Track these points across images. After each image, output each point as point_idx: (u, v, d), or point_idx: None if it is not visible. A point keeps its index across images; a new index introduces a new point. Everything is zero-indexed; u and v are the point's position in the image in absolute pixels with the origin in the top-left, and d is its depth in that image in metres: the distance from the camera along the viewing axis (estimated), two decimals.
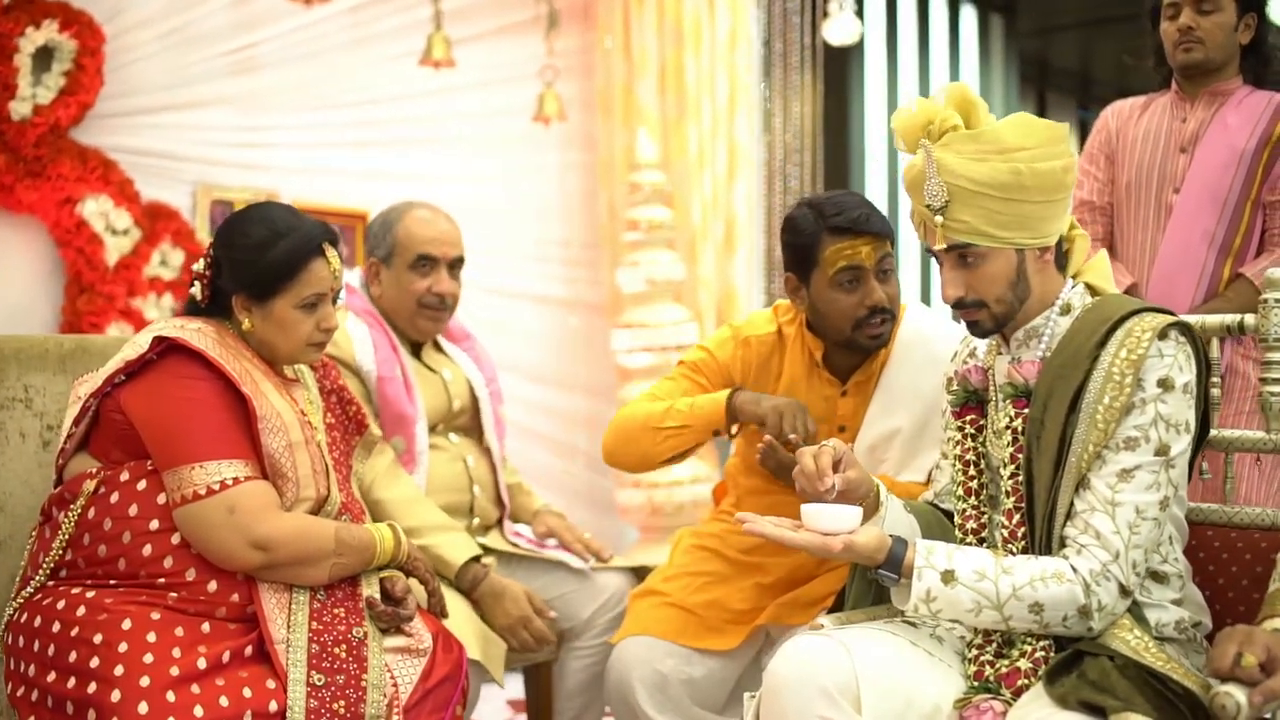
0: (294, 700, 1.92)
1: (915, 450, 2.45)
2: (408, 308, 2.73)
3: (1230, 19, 2.99)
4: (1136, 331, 1.84)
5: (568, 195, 5.14)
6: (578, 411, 5.10)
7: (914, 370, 2.48)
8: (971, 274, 1.90)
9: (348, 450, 2.28)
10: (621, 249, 4.72)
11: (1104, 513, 1.82)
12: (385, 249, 2.74)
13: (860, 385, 2.51)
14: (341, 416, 2.29)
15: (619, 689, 2.47)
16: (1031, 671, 1.85)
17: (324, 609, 2.05)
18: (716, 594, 2.57)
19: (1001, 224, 1.86)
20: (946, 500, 2.17)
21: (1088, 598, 1.80)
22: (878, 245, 2.38)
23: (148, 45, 3.90)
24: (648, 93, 4.94)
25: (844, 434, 2.50)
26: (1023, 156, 1.84)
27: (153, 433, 2.01)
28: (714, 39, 4.91)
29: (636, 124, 4.91)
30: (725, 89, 4.92)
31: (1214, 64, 3.01)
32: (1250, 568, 2.11)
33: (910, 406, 2.46)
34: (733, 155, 4.94)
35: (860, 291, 2.38)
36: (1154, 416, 1.82)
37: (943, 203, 1.85)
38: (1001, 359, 2.01)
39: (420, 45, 4.30)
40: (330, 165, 4.35)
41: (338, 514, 2.14)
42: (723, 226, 4.95)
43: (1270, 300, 2.13)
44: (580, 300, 5.16)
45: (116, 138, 3.84)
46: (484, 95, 4.71)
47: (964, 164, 1.84)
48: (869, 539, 1.84)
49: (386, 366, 2.66)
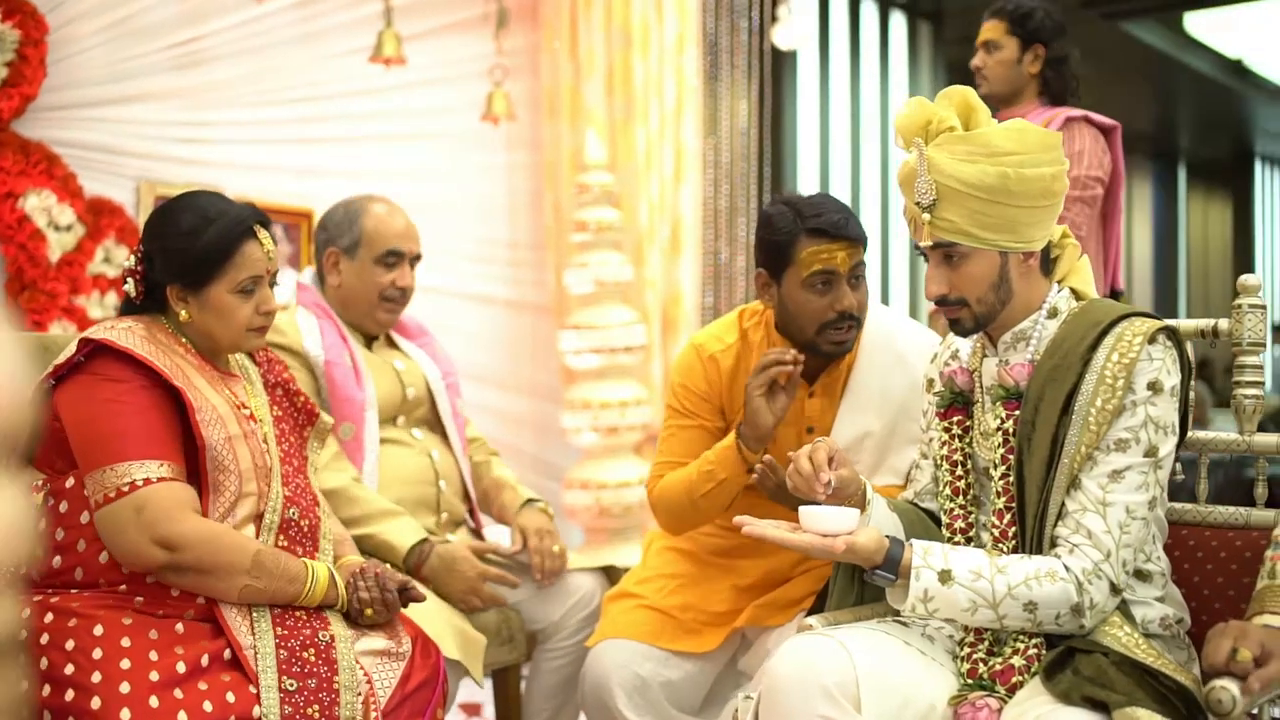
0: (268, 707, 1.89)
1: (887, 452, 2.47)
2: (369, 300, 2.75)
3: (1011, 55, 3.38)
4: (1127, 336, 1.88)
5: (513, 195, 5.12)
6: (522, 413, 5.07)
7: (882, 372, 2.50)
8: (955, 273, 1.93)
9: (300, 442, 2.25)
10: (569, 250, 4.71)
11: (1095, 512, 1.86)
12: (350, 240, 2.74)
13: (827, 386, 2.52)
14: (290, 409, 2.26)
15: (596, 693, 2.46)
16: (1025, 669, 1.88)
17: (286, 614, 2.02)
18: (692, 596, 2.57)
19: (986, 225, 1.89)
20: (927, 499, 2.20)
21: (1080, 596, 1.84)
22: (853, 251, 2.39)
23: (91, 37, 3.80)
24: (594, 94, 4.93)
25: (812, 434, 2.51)
26: (1011, 161, 1.87)
27: (76, 436, 1.97)
28: (662, 41, 4.92)
29: (583, 125, 4.89)
30: (673, 91, 4.93)
31: (1000, 96, 3.40)
32: (1225, 566, 2.16)
33: (880, 409, 2.48)
34: (679, 157, 4.95)
35: (831, 295, 2.38)
36: (1144, 419, 1.86)
37: (931, 201, 1.89)
38: (989, 361, 2.04)
39: (368, 41, 4.24)
40: (276, 162, 4.28)
41: (284, 507, 2.10)
42: (669, 228, 4.96)
43: (1245, 305, 2.19)
44: (524, 301, 5.14)
45: (59, 131, 3.74)
46: (432, 93, 4.67)
47: (954, 164, 1.88)
48: (870, 540, 1.86)
49: (334, 352, 2.67)
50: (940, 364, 2.18)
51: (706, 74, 5.17)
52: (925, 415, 2.20)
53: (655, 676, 2.46)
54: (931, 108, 1.92)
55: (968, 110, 1.92)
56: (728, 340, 2.57)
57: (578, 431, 4.59)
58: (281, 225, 4.25)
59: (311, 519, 2.15)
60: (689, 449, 2.54)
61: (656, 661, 2.48)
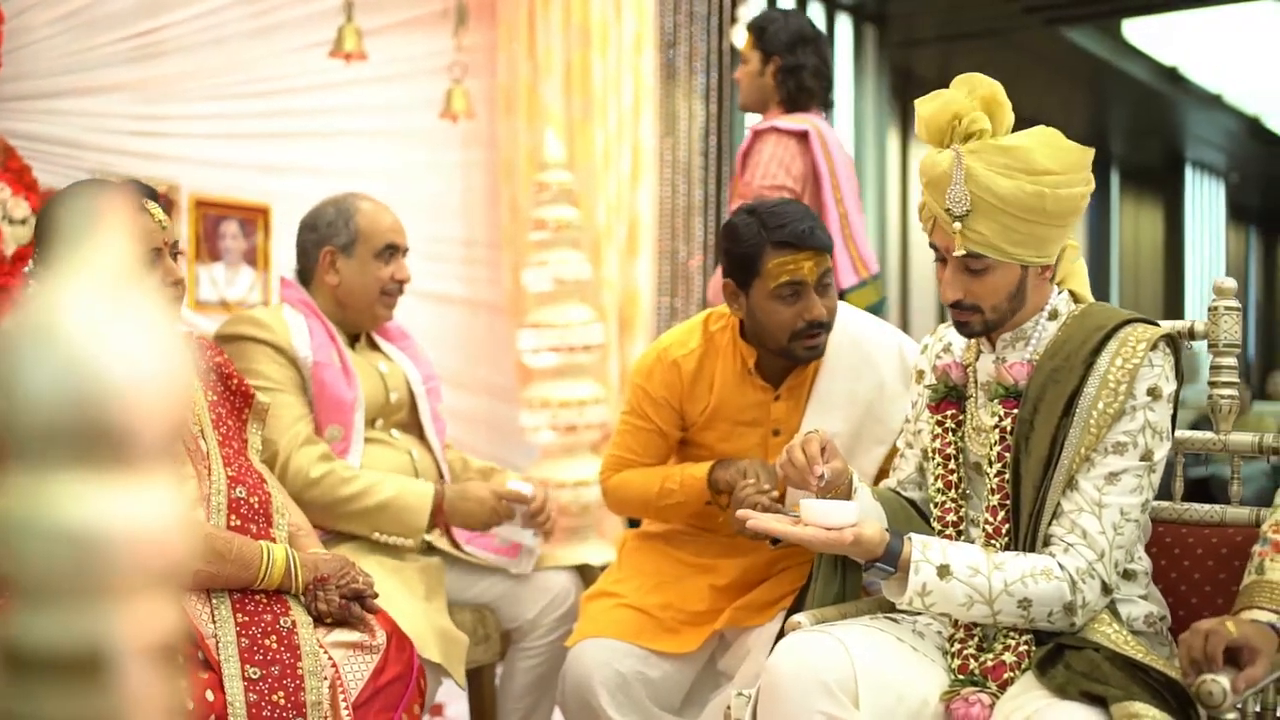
0: (233, 696, 1.88)
1: (853, 455, 2.49)
2: (370, 295, 2.75)
3: (754, 67, 3.59)
4: (1131, 341, 1.91)
5: (468, 194, 5.08)
6: (477, 412, 5.04)
7: (848, 375, 2.52)
8: (975, 281, 1.93)
9: (239, 425, 2.24)
10: (527, 248, 4.69)
11: (1091, 513, 1.89)
12: (346, 238, 2.73)
13: (793, 390, 2.54)
14: (225, 392, 2.25)
15: (579, 692, 2.46)
16: (1016, 665, 1.91)
17: (246, 599, 2.01)
18: (670, 595, 2.57)
19: (1015, 241, 1.89)
20: (910, 488, 2.22)
21: (1074, 594, 1.87)
22: (819, 260, 2.41)
23: (47, 27, 3.72)
24: (552, 93, 4.92)
25: (779, 438, 2.53)
26: (1049, 181, 1.86)
27: None
28: (620, 41, 4.91)
29: (540, 123, 4.88)
30: (631, 91, 4.93)
31: (749, 106, 3.66)
32: (1202, 562, 2.21)
33: (847, 412, 2.50)
34: (637, 157, 4.95)
35: (800, 305, 2.40)
36: (1143, 423, 1.89)
37: (964, 210, 1.87)
38: (985, 358, 2.06)
39: (327, 35, 4.20)
40: (234, 157, 4.21)
41: (229, 486, 2.09)
42: (626, 228, 4.96)
43: (1221, 307, 2.24)
44: (480, 300, 5.11)
45: (14, 123, 3.66)
46: (390, 89, 4.62)
47: (992, 177, 1.85)
48: (874, 532, 1.88)
49: (323, 353, 2.65)
50: (932, 356, 2.19)
51: (664, 74, 5.18)
52: (914, 406, 2.22)
53: (636, 675, 2.47)
54: (960, 102, 1.89)
55: (996, 109, 1.90)
56: (691, 345, 2.58)
57: (536, 430, 4.57)
58: (237, 220, 4.20)
59: (261, 495, 2.14)
60: (644, 449, 2.62)
61: (637, 659, 2.48)
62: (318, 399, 2.60)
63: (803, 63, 3.51)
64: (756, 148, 3.45)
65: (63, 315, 0.49)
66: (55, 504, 0.47)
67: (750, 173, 3.45)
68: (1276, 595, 1.85)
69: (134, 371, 0.49)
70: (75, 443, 0.48)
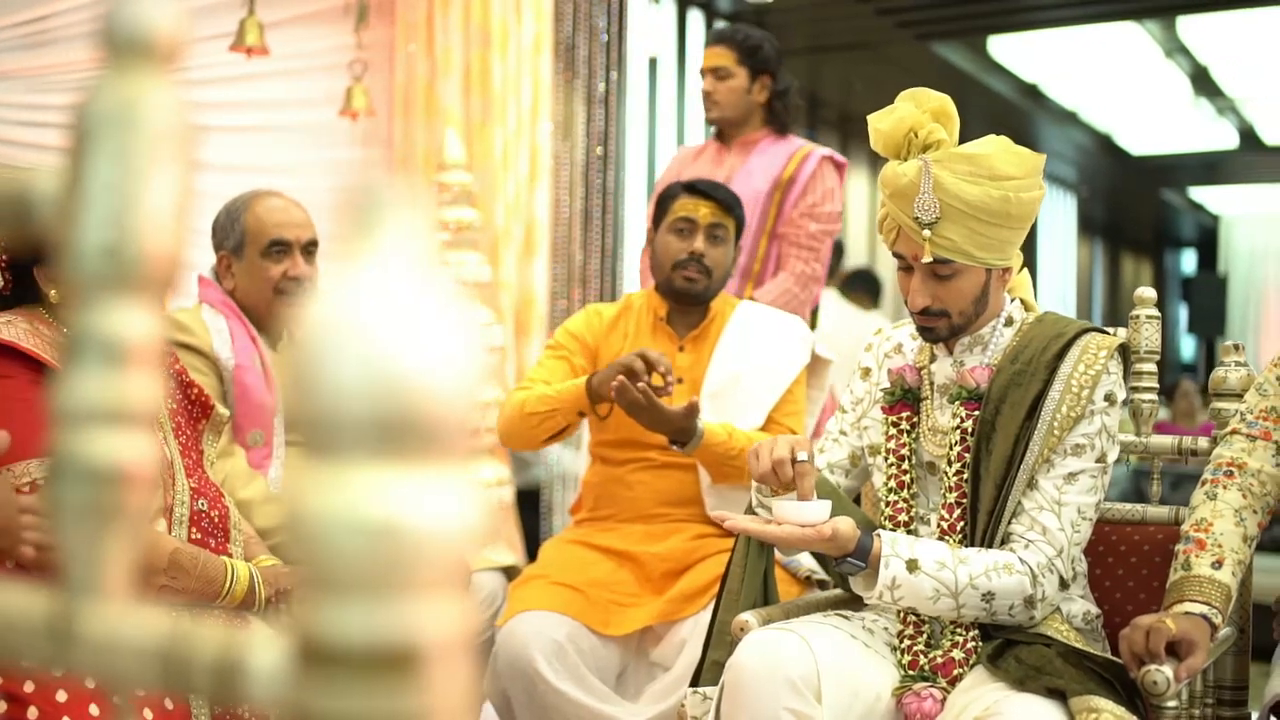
0: (198, 711, 1.85)
1: (755, 397, 2.72)
2: (265, 296, 2.65)
3: (742, 84, 3.50)
4: (1093, 349, 2.00)
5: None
6: None
7: (756, 331, 2.80)
8: (942, 287, 2.00)
9: (196, 435, 2.19)
10: None
11: (1051, 511, 1.97)
12: (235, 240, 2.65)
13: (695, 341, 2.80)
14: (184, 401, 2.19)
15: (516, 664, 2.45)
16: (964, 661, 1.98)
17: (206, 615, 1.96)
18: (599, 574, 2.64)
19: (982, 245, 1.96)
20: (838, 472, 2.24)
21: (1034, 588, 1.94)
22: (716, 212, 2.75)
23: None
24: (451, 93, 4.88)
25: (683, 385, 2.73)
26: (1011, 185, 1.94)
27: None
28: (519, 43, 4.90)
29: (439, 123, 4.84)
30: (529, 93, 4.92)
31: (730, 121, 3.54)
32: (1125, 559, 2.31)
33: (748, 354, 2.76)
34: (535, 159, 4.95)
35: (688, 240, 2.73)
36: (1100, 427, 1.99)
37: (933, 218, 1.93)
38: (942, 361, 2.12)
39: (228, 28, 4.10)
40: None
41: (192, 498, 2.04)
42: (523, 230, 4.95)
43: (1142, 316, 2.35)
44: None
45: None
46: (288, 85, 4.53)
47: (958, 184, 1.92)
48: (848, 527, 1.92)
49: (244, 355, 2.58)
50: (879, 355, 2.24)
51: (561, 77, 5.19)
52: (855, 400, 2.25)
53: (572, 645, 2.49)
54: (915, 116, 1.95)
55: (946, 121, 1.98)
56: (619, 305, 2.93)
57: None
58: None
59: (220, 509, 2.09)
60: (549, 374, 2.78)
61: (572, 629, 2.52)
62: (239, 403, 2.54)
63: (788, 85, 3.55)
64: (819, 174, 3.46)
65: (365, 305, 0.49)
66: (361, 497, 0.47)
67: (811, 197, 3.45)
68: (1205, 589, 1.95)
69: (437, 362, 0.49)
70: (380, 435, 0.48)
